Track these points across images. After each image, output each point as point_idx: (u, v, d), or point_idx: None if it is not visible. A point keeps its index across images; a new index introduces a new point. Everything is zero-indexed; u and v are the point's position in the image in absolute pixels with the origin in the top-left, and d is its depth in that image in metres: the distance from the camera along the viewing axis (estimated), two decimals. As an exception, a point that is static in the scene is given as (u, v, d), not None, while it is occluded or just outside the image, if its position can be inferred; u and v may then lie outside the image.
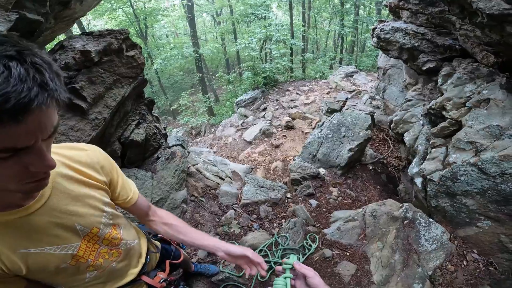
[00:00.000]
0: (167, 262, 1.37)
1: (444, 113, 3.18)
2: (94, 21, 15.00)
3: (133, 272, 1.12)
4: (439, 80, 3.60)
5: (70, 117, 2.01)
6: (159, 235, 1.41)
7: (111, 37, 2.43)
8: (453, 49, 3.72)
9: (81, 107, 2.09)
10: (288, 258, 1.04)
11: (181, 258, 1.52)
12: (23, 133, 0.47)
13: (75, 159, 0.85)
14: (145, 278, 1.17)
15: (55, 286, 0.92)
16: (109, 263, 0.96)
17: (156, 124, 3.11)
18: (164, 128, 3.35)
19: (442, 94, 3.38)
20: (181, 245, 1.59)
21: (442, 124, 3.12)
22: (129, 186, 1.08)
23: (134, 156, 2.78)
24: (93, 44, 2.28)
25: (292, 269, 1.01)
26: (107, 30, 2.48)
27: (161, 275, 1.26)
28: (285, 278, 1.00)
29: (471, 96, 3.03)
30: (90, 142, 2.09)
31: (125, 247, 1.04)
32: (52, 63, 0.50)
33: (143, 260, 1.17)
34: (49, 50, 2.57)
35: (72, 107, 2.09)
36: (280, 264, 1.05)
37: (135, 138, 2.63)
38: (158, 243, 1.41)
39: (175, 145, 3.35)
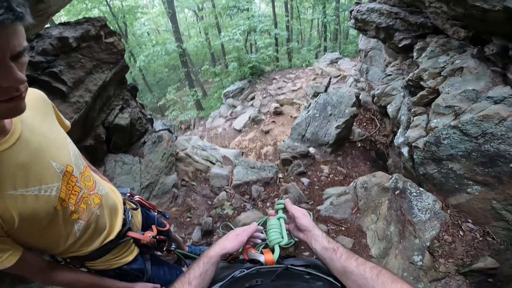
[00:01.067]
0: (153, 226, 1.33)
1: (422, 83, 3.27)
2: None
3: (118, 224, 1.09)
4: (414, 54, 3.70)
5: (51, 100, 1.99)
6: (135, 198, 1.37)
7: (88, 24, 2.44)
8: (425, 26, 3.80)
9: (61, 90, 2.08)
10: (282, 198, 1.04)
11: (167, 226, 1.50)
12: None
13: (33, 93, 0.88)
14: (132, 234, 1.14)
15: (52, 249, 0.92)
16: (92, 210, 0.95)
17: (141, 109, 3.09)
18: (150, 114, 3.33)
19: (418, 66, 3.48)
20: (163, 214, 1.56)
21: (421, 93, 3.21)
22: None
23: (120, 140, 2.77)
24: (70, 31, 2.29)
25: (285, 210, 0.99)
26: (84, 18, 2.50)
27: (150, 234, 1.22)
28: (278, 219, 0.99)
29: (445, 66, 3.11)
30: (72, 124, 2.04)
31: (103, 192, 1.03)
32: None
33: (120, 213, 1.13)
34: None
35: (52, 90, 2.07)
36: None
37: (119, 122, 2.62)
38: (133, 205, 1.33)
39: (162, 129, 3.35)
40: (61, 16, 12.35)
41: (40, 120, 0.85)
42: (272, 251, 0.91)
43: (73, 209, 0.87)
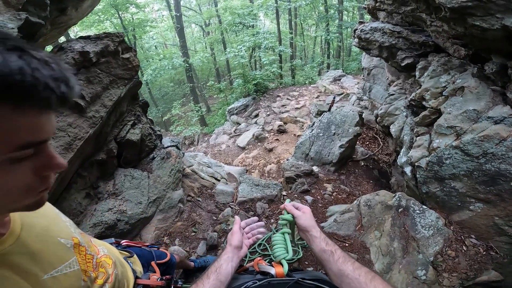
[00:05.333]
0: (153, 263, 1.33)
1: (424, 103, 3.35)
2: (81, 33, 15.07)
3: (130, 276, 1.07)
4: (417, 73, 3.79)
5: (68, 114, 2.08)
6: (122, 243, 1.34)
7: (108, 40, 2.53)
8: (427, 45, 3.92)
9: (80, 105, 2.16)
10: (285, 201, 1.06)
11: (168, 256, 1.49)
12: (47, 125, 0.46)
13: None
14: (141, 281, 1.13)
15: None
16: (109, 271, 0.92)
17: (150, 125, 3.18)
18: (159, 130, 3.42)
19: (421, 86, 3.57)
20: (154, 245, 1.55)
21: (423, 113, 3.29)
22: None
23: (130, 156, 2.84)
24: (91, 45, 2.38)
25: (291, 221, 1.01)
26: (104, 33, 2.60)
27: (154, 276, 1.22)
28: (283, 233, 1.01)
29: (446, 86, 3.21)
30: (87, 139, 2.16)
31: (105, 251, 1.00)
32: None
33: (127, 265, 1.12)
34: (49, 51, 2.65)
35: (71, 105, 2.16)
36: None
37: (131, 138, 2.71)
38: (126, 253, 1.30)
39: (170, 146, 3.43)
40: (74, 27, 12.73)
41: None
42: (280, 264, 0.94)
43: (95, 276, 0.85)
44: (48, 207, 0.83)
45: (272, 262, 0.96)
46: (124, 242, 1.36)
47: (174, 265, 1.65)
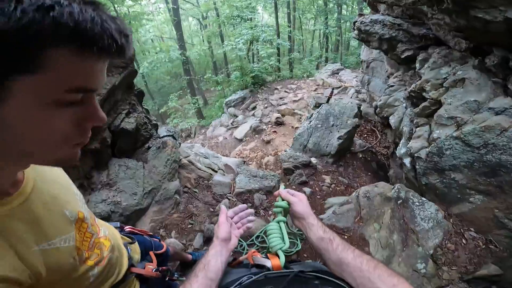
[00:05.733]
0: (151, 253, 1.29)
1: (424, 94, 3.32)
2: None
3: (125, 263, 1.04)
4: (417, 65, 3.76)
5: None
6: (125, 229, 1.32)
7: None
8: (427, 37, 3.87)
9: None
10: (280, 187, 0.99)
11: (164, 247, 1.46)
12: (100, 75, 0.47)
13: None
14: (135, 270, 1.09)
15: None
16: (105, 254, 0.90)
17: (146, 115, 3.12)
18: (155, 120, 3.36)
19: (421, 77, 3.53)
20: (155, 236, 1.52)
21: (424, 104, 3.26)
22: None
23: (125, 145, 2.78)
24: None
25: (286, 209, 0.95)
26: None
27: (150, 266, 1.18)
28: (278, 222, 0.96)
29: (447, 78, 3.17)
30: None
31: (107, 233, 0.97)
32: None
33: (125, 251, 1.08)
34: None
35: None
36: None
37: (125, 126, 2.64)
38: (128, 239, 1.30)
39: (166, 135, 3.36)
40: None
41: None
42: (277, 255, 0.88)
43: (87, 255, 0.82)
44: (62, 175, 0.83)
45: (268, 254, 0.90)
46: (128, 228, 1.34)
47: (169, 257, 1.61)
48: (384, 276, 0.65)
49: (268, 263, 0.83)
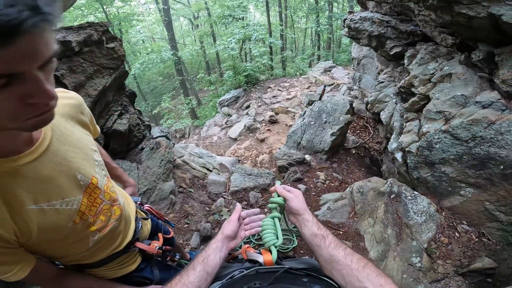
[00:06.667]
0: (160, 234, 1.33)
1: (413, 89, 3.38)
2: (65, 29, 14.57)
3: (129, 234, 1.07)
4: (405, 61, 3.82)
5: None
6: (144, 207, 1.37)
7: (91, 29, 2.46)
8: (415, 34, 3.94)
9: (62, 95, 2.08)
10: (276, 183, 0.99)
11: (171, 233, 1.50)
12: (15, 57, 0.44)
13: (67, 98, 0.87)
14: (139, 245, 1.12)
15: (61, 257, 0.89)
16: (110, 221, 0.92)
17: (138, 116, 3.11)
18: (148, 120, 3.35)
19: (409, 73, 3.59)
20: (169, 223, 1.57)
21: (413, 99, 3.31)
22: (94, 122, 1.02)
23: (118, 146, 2.78)
24: (73, 35, 2.31)
25: (281, 204, 0.95)
26: (87, 22, 2.51)
27: (156, 244, 1.21)
28: (272, 218, 0.96)
29: (434, 73, 3.23)
30: (73, 130, 2.09)
31: (122, 202, 1.00)
32: None
33: (133, 224, 1.12)
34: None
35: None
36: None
37: (118, 128, 2.64)
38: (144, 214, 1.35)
39: (159, 136, 3.36)
40: (56, 24, 12.29)
41: (71, 127, 0.82)
42: (270, 251, 0.88)
43: (92, 221, 0.84)
44: (85, 140, 0.85)
45: (261, 249, 0.91)
46: (146, 206, 1.38)
47: (175, 245, 1.65)
48: (372, 276, 0.66)
49: (260, 258, 0.84)
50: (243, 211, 0.99)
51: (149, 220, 1.32)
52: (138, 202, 1.33)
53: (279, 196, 0.95)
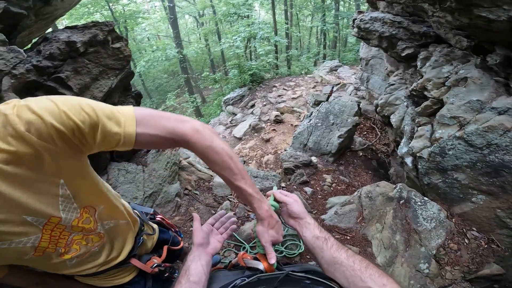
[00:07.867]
0: (165, 247, 1.29)
1: (425, 93, 3.29)
2: (71, 26, 14.63)
3: (123, 253, 1.04)
4: (418, 63, 3.73)
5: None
6: (156, 218, 1.35)
7: (96, 29, 2.40)
8: (428, 35, 3.85)
9: (67, 97, 2.04)
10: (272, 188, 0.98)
11: (181, 245, 1.45)
12: None
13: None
14: (134, 262, 1.08)
15: (44, 269, 0.88)
16: (88, 249, 0.89)
17: (145, 117, 3.07)
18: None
19: (422, 76, 3.51)
20: (179, 233, 1.53)
21: (425, 103, 3.23)
22: (116, 118, 0.70)
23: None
24: (78, 35, 2.26)
25: (277, 206, 0.95)
26: (92, 22, 2.46)
27: (155, 260, 1.18)
28: None
29: (449, 76, 3.15)
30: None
31: (109, 226, 0.94)
32: None
33: (131, 241, 1.07)
34: (32, 43, 2.50)
35: (58, 97, 2.04)
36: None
37: (124, 130, 2.59)
38: (155, 226, 1.32)
39: (166, 138, 3.31)
40: (63, 20, 12.35)
41: (12, 164, 0.64)
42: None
43: (63, 251, 0.82)
44: (51, 173, 0.74)
45: (257, 254, 0.90)
46: (159, 217, 1.37)
47: (182, 255, 1.61)
48: (375, 275, 0.67)
49: (261, 265, 0.84)
50: (210, 218, 1.03)
51: (157, 233, 1.29)
52: (151, 213, 1.31)
53: (275, 200, 0.95)
